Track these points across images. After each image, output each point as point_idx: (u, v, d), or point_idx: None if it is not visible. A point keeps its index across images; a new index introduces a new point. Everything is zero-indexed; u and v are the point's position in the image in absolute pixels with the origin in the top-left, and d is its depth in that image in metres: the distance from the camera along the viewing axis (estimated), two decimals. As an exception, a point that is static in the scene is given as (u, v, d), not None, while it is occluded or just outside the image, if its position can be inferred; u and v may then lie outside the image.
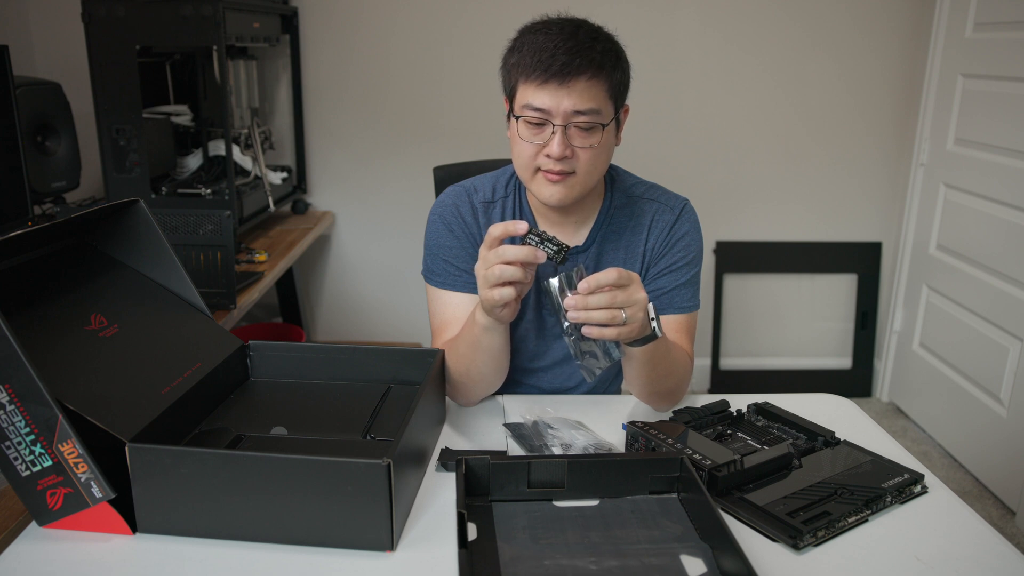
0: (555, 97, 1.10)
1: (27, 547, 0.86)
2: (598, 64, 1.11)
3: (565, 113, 1.11)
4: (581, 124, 1.12)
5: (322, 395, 1.14)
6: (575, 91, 1.10)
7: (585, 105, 1.11)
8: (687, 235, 1.29)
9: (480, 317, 1.11)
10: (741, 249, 3.01)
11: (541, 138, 1.13)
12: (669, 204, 1.30)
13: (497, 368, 1.19)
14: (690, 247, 1.29)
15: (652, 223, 1.28)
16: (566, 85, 1.10)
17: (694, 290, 1.29)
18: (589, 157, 1.15)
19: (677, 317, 1.27)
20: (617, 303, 0.99)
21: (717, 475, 0.97)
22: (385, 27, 2.76)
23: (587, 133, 1.13)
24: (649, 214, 1.29)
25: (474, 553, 0.85)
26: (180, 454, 0.86)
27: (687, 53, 2.82)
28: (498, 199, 1.30)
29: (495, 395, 1.29)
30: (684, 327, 1.27)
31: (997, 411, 2.40)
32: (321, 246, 2.98)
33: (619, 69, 1.15)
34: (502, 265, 1.01)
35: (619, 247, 1.28)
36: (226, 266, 1.63)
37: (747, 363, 3.13)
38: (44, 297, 0.97)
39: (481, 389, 1.23)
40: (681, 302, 1.27)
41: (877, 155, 2.95)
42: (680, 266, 1.27)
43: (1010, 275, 2.36)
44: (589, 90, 1.11)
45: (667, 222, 1.28)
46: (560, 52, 1.09)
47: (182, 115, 2.39)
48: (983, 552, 0.90)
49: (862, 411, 1.27)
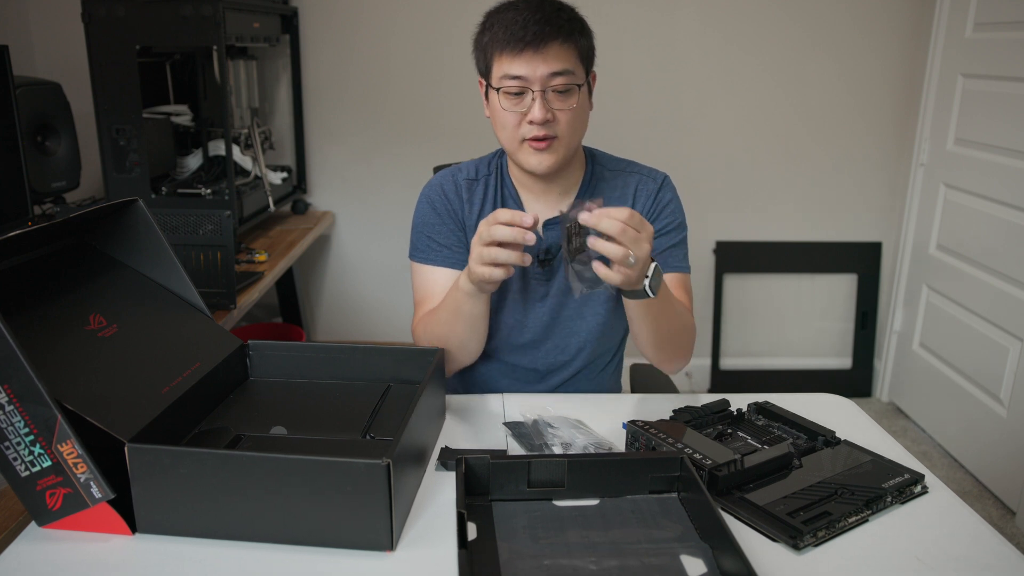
0: (531, 64, 1.17)
1: (27, 547, 0.86)
2: (567, 31, 1.19)
3: (542, 78, 1.18)
4: (558, 87, 1.19)
5: (322, 395, 1.14)
6: (549, 56, 1.17)
7: (560, 67, 1.18)
8: (671, 202, 1.35)
9: (464, 284, 1.15)
10: (741, 249, 3.01)
11: (522, 106, 1.20)
12: (651, 175, 1.37)
13: (475, 336, 1.24)
14: (675, 213, 1.35)
15: (637, 192, 1.35)
16: (540, 52, 1.17)
17: (684, 253, 1.36)
18: (569, 119, 1.21)
19: (674, 276, 1.33)
20: (624, 238, 1.01)
21: (717, 475, 0.96)
22: (385, 27, 2.76)
23: (565, 95, 1.20)
24: (632, 184, 1.35)
25: (474, 553, 0.84)
26: (179, 454, 0.86)
27: (687, 53, 2.82)
28: (481, 177, 1.36)
29: (495, 395, 1.29)
30: (683, 285, 1.34)
31: (997, 411, 2.40)
32: (321, 246, 2.98)
33: (585, 35, 1.24)
34: (497, 248, 1.05)
35: None
36: (226, 266, 1.63)
37: (747, 363, 3.13)
38: (43, 297, 0.97)
39: (458, 357, 1.28)
40: (676, 262, 1.34)
41: (877, 155, 2.95)
42: (669, 230, 1.34)
43: (1010, 275, 2.36)
44: (562, 54, 1.18)
45: (651, 190, 1.35)
46: (531, 23, 1.17)
47: (182, 115, 2.39)
48: (983, 552, 0.90)
49: (862, 411, 1.27)
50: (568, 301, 1.34)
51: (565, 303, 1.34)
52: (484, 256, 1.07)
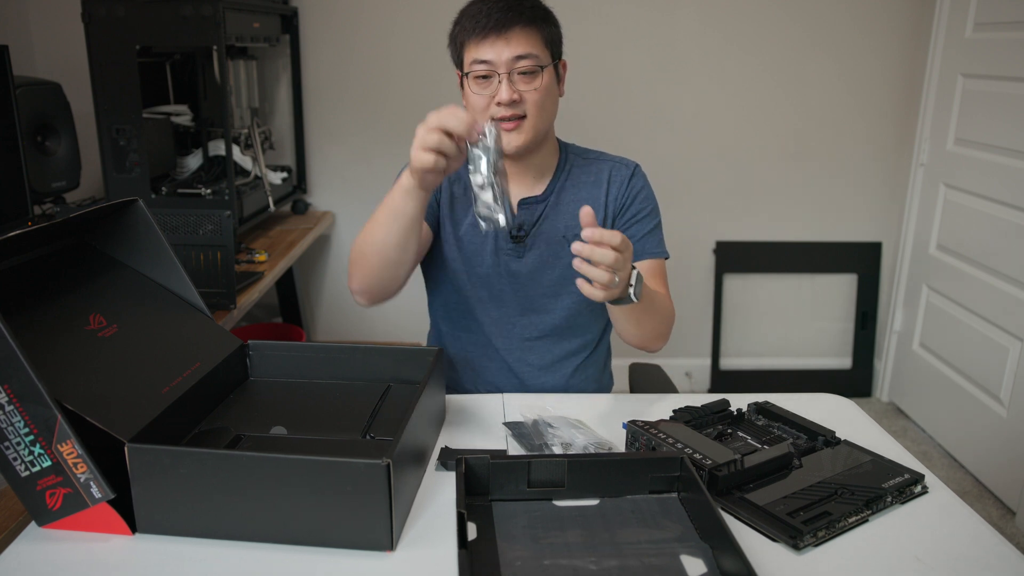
0: (495, 48, 1.25)
1: (27, 547, 0.86)
2: (528, 17, 1.26)
3: (507, 61, 1.25)
4: (523, 68, 1.25)
5: (322, 395, 1.14)
6: (512, 40, 1.25)
7: (523, 50, 1.25)
8: (643, 189, 1.41)
9: (405, 179, 1.15)
10: (741, 249, 3.01)
11: (490, 90, 1.27)
12: (623, 163, 1.42)
13: (402, 244, 1.20)
14: (648, 199, 1.41)
15: (611, 178, 1.40)
16: (504, 36, 1.24)
17: (660, 238, 1.40)
18: (536, 99, 1.27)
19: (651, 263, 1.38)
20: (616, 265, 1.04)
21: (717, 475, 0.96)
22: (385, 27, 2.76)
23: (530, 77, 1.26)
24: (606, 170, 1.41)
25: (474, 553, 0.84)
26: (179, 454, 0.86)
27: (687, 53, 2.82)
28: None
29: (495, 394, 1.29)
30: (658, 271, 1.38)
31: (997, 411, 2.40)
32: (321, 246, 2.98)
33: (549, 22, 1.31)
34: (441, 134, 1.05)
35: (579, 198, 1.38)
36: (226, 266, 1.63)
37: (747, 363, 3.13)
38: (43, 297, 0.97)
39: (380, 266, 1.23)
40: (652, 248, 1.38)
41: (877, 155, 2.94)
42: (643, 216, 1.39)
43: (1010, 275, 2.36)
44: (525, 38, 1.25)
45: (624, 176, 1.40)
46: (495, 11, 1.24)
47: (182, 115, 2.39)
48: (983, 552, 0.90)
49: (862, 411, 1.27)
50: (542, 279, 1.38)
51: (539, 280, 1.38)
52: (427, 140, 1.06)
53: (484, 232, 1.34)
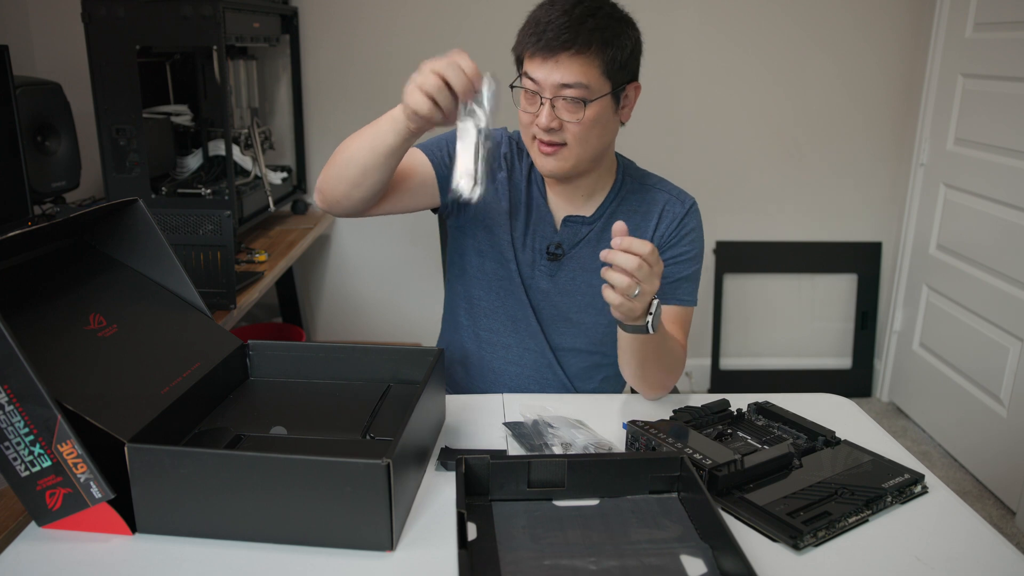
0: (543, 70, 1.15)
1: (27, 547, 0.86)
2: (585, 40, 1.13)
3: (553, 86, 1.15)
4: (567, 97, 1.15)
5: (322, 395, 1.14)
6: (561, 65, 1.14)
7: (570, 79, 1.14)
8: (694, 231, 1.33)
9: (396, 111, 1.09)
10: (741, 249, 3.01)
11: (534, 108, 1.19)
12: (680, 198, 1.34)
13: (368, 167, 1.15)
14: (695, 243, 1.32)
15: (663, 212, 1.32)
16: (552, 59, 1.14)
17: (694, 286, 1.33)
18: (577, 131, 1.18)
19: (675, 309, 1.30)
20: (640, 274, 1.00)
21: (717, 475, 0.96)
22: (385, 27, 2.76)
23: (573, 107, 1.16)
24: (660, 203, 1.32)
25: (474, 553, 0.84)
26: (179, 454, 0.85)
27: (687, 53, 2.82)
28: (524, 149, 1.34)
29: (495, 395, 1.29)
30: (680, 319, 1.31)
31: (997, 411, 2.40)
32: (321, 246, 2.98)
33: (614, 46, 1.16)
34: (440, 81, 1.00)
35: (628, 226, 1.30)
36: (226, 266, 1.62)
37: (747, 363, 3.13)
38: (43, 297, 0.97)
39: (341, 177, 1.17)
40: (682, 295, 1.31)
41: (877, 155, 2.94)
42: (685, 259, 1.31)
43: (1010, 275, 2.36)
44: (576, 65, 1.14)
45: (677, 214, 1.32)
46: (551, 27, 1.13)
47: (182, 115, 2.39)
48: (983, 552, 0.90)
49: (862, 411, 1.27)
50: (573, 298, 1.34)
51: (569, 301, 1.34)
52: (426, 83, 1.01)
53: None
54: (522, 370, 1.38)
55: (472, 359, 1.42)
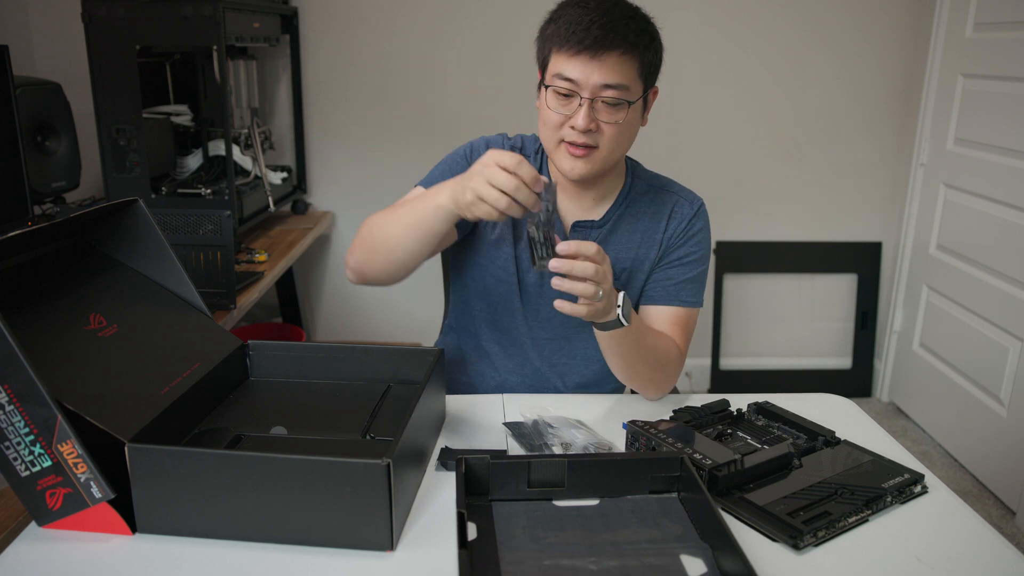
0: (585, 69, 1.12)
1: (27, 547, 0.86)
2: (631, 42, 1.13)
3: (594, 86, 1.13)
4: (608, 99, 1.14)
5: (322, 395, 1.14)
6: (606, 65, 1.12)
7: (614, 80, 1.13)
8: (701, 231, 1.33)
9: (445, 199, 1.06)
10: (741, 249, 3.01)
11: (568, 109, 1.15)
12: (688, 199, 1.34)
13: (413, 252, 1.14)
14: (702, 244, 1.33)
15: (672, 213, 1.31)
16: (597, 58, 1.11)
17: (700, 287, 1.33)
18: (613, 133, 1.16)
19: (678, 310, 1.30)
20: (597, 277, 1.00)
21: (717, 475, 0.96)
22: (385, 27, 2.76)
23: (613, 108, 1.15)
24: (669, 204, 1.32)
25: (474, 553, 0.84)
26: (179, 454, 0.86)
27: (687, 53, 2.82)
28: (528, 155, 1.32)
29: (495, 395, 1.29)
30: (683, 321, 1.30)
31: (997, 411, 2.40)
32: (321, 246, 2.98)
33: (651, 50, 1.18)
34: (507, 197, 0.97)
35: (636, 230, 1.30)
36: (226, 266, 1.62)
37: (747, 363, 3.13)
38: (43, 297, 0.97)
39: (383, 261, 1.16)
40: (687, 296, 1.31)
41: (877, 155, 2.95)
42: (691, 260, 1.31)
43: (1010, 275, 2.36)
44: (620, 66, 1.13)
45: (686, 215, 1.32)
46: (595, 26, 1.10)
47: (182, 115, 2.39)
48: (983, 552, 0.90)
49: (862, 411, 1.27)
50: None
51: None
52: (486, 194, 0.98)
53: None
54: (523, 379, 1.38)
55: (472, 366, 1.42)
